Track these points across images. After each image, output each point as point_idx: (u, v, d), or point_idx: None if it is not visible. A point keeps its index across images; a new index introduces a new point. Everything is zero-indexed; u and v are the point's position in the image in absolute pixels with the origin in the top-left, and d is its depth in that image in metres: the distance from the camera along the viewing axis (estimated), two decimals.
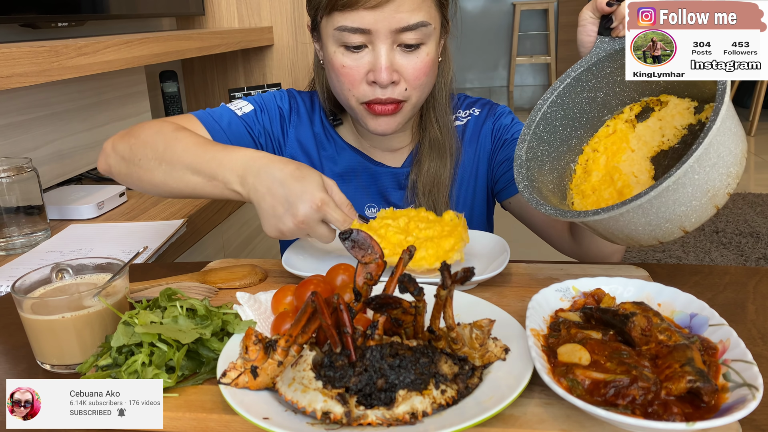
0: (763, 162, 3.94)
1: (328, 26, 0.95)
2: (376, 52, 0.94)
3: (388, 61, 0.94)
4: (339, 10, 0.92)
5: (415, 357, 0.58)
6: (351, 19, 0.92)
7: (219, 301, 0.83)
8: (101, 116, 1.82)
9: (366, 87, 0.97)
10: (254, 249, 1.90)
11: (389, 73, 0.94)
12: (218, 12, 2.43)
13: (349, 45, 0.94)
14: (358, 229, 0.68)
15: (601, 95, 0.89)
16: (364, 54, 0.95)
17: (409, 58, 0.95)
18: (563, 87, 0.88)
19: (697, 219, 0.73)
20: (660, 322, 0.62)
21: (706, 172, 0.69)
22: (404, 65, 0.95)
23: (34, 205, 1.28)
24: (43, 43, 1.34)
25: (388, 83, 0.95)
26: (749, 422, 0.54)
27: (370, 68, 0.95)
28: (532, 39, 7.18)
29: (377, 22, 0.91)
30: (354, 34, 0.93)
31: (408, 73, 0.96)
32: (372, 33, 0.92)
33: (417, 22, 0.93)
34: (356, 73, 0.96)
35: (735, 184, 0.73)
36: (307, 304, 0.58)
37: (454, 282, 0.58)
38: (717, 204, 0.72)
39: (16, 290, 0.69)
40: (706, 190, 0.71)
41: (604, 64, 0.86)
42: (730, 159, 0.71)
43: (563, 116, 0.89)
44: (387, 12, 0.91)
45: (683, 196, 0.70)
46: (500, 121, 1.13)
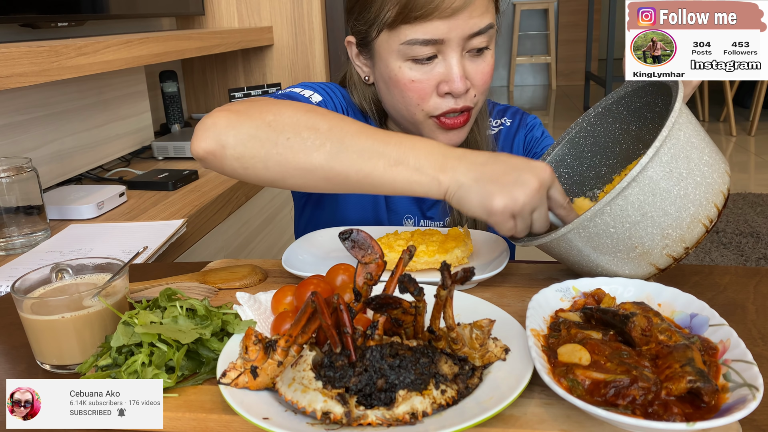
0: (763, 162, 3.93)
1: (391, 41, 0.91)
2: (449, 62, 0.90)
3: (461, 69, 0.91)
4: (410, 22, 0.88)
5: (415, 357, 0.58)
6: (423, 31, 0.88)
7: (219, 301, 0.83)
8: (101, 116, 1.82)
9: (437, 99, 0.93)
10: (254, 249, 1.90)
11: (464, 82, 0.91)
12: (218, 12, 2.43)
13: (419, 58, 0.90)
14: (358, 230, 0.67)
15: (634, 128, 0.88)
16: (434, 65, 0.91)
17: (477, 64, 0.93)
18: (595, 114, 0.89)
19: (631, 271, 0.73)
20: (660, 322, 0.62)
21: (627, 228, 0.68)
22: (473, 71, 0.93)
23: (34, 205, 1.28)
24: (43, 43, 1.34)
25: (464, 92, 0.92)
26: (749, 422, 0.54)
27: (442, 79, 0.91)
28: (532, 39, 7.18)
29: (451, 31, 0.88)
30: (426, 47, 0.89)
31: (477, 79, 0.93)
32: (444, 42, 0.89)
33: (487, 25, 0.90)
34: (426, 86, 0.92)
35: (680, 248, 0.70)
36: (307, 304, 0.58)
37: (454, 282, 0.58)
38: (654, 263, 0.71)
39: (16, 290, 0.69)
40: (633, 245, 0.70)
41: (633, 99, 0.86)
42: (665, 221, 0.69)
43: (593, 143, 0.90)
44: (461, 19, 0.88)
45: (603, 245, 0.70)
46: (532, 134, 1.12)
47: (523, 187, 0.70)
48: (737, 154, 4.12)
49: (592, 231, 0.69)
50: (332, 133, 0.75)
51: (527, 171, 0.71)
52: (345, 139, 0.74)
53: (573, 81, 7.18)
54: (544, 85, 7.35)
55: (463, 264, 0.87)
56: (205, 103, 2.60)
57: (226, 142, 0.76)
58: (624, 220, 0.68)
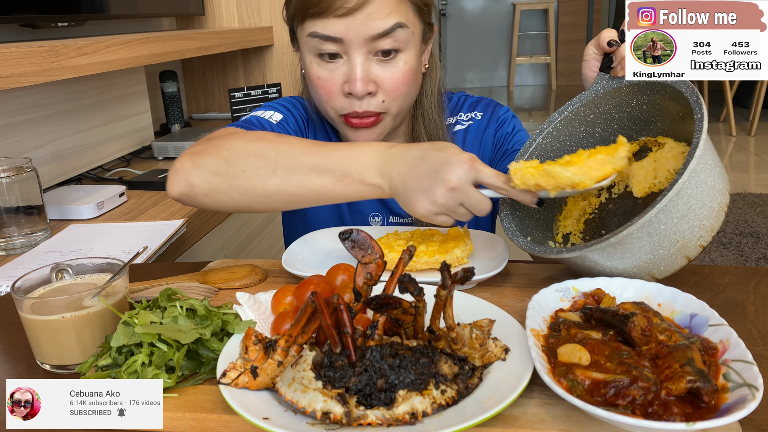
0: (763, 162, 3.93)
1: (303, 34, 0.94)
2: (351, 62, 0.91)
3: (363, 71, 0.91)
4: (310, 18, 0.90)
5: (415, 357, 0.58)
6: (322, 26, 0.90)
7: (219, 301, 0.83)
8: (101, 116, 1.82)
9: (343, 99, 0.94)
10: (254, 249, 1.90)
11: (364, 84, 0.91)
12: (218, 12, 2.43)
13: (323, 53, 0.92)
14: (358, 230, 0.68)
15: (599, 130, 0.89)
16: (339, 65, 0.93)
17: (386, 68, 0.93)
18: (560, 119, 0.88)
19: (666, 268, 0.73)
20: (660, 322, 0.62)
21: (674, 224, 0.70)
22: (381, 75, 0.93)
23: (34, 205, 1.28)
24: (43, 43, 1.34)
25: (364, 95, 0.92)
26: (749, 422, 0.54)
27: (346, 79, 0.92)
28: (532, 39, 7.18)
29: (349, 31, 0.89)
30: (326, 42, 0.91)
31: (385, 84, 0.93)
32: (345, 42, 0.90)
33: (392, 26, 0.90)
34: (332, 84, 0.93)
35: (709, 237, 0.72)
36: (307, 304, 0.58)
37: (454, 282, 0.58)
38: (688, 255, 0.73)
39: (16, 290, 0.69)
40: (675, 240, 0.71)
41: (603, 101, 0.86)
42: (703, 212, 0.71)
43: (558, 148, 0.89)
44: (358, 20, 0.88)
45: (648, 245, 0.70)
46: (502, 129, 1.10)
47: (440, 188, 0.74)
48: (737, 154, 4.11)
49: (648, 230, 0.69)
50: (280, 158, 0.81)
51: (445, 171, 0.74)
52: (292, 161, 0.81)
53: (573, 81, 7.18)
54: (544, 85, 7.35)
55: (463, 264, 0.87)
56: (205, 103, 2.60)
57: (193, 183, 0.84)
58: (674, 215, 0.69)
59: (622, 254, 0.72)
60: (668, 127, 0.84)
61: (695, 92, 0.74)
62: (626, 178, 0.86)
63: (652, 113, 0.85)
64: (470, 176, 0.75)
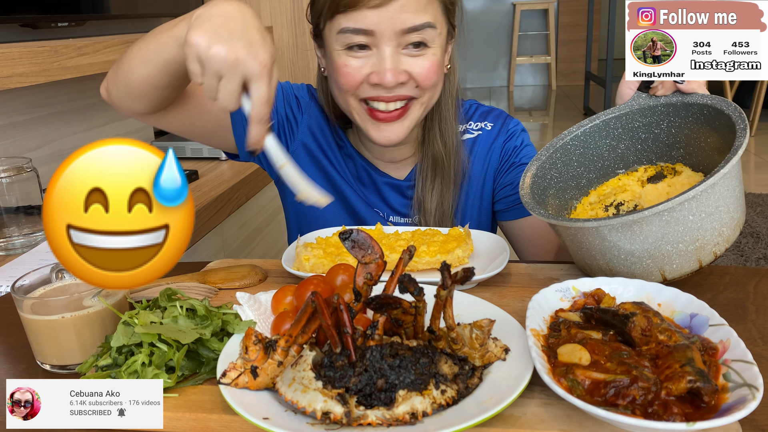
0: (763, 162, 3.93)
1: (332, 31, 0.94)
2: (381, 54, 0.92)
3: (393, 63, 0.92)
4: (342, 11, 0.91)
5: (415, 357, 0.58)
6: (354, 20, 0.90)
7: (219, 301, 0.83)
8: (101, 116, 1.82)
9: (368, 87, 0.95)
10: (254, 249, 1.90)
11: (395, 75, 0.92)
12: None
13: (352, 45, 0.92)
14: (358, 230, 0.67)
15: (622, 147, 0.91)
16: (368, 56, 0.93)
17: (416, 59, 0.94)
18: (591, 126, 0.90)
19: (678, 266, 0.74)
20: (660, 322, 0.62)
21: (701, 218, 0.70)
22: (412, 65, 0.93)
23: (34, 205, 1.28)
24: (43, 43, 1.34)
25: (395, 85, 0.93)
26: (749, 422, 0.54)
27: (373, 70, 0.93)
28: (532, 39, 7.18)
29: (380, 23, 0.90)
30: (357, 35, 0.91)
31: (417, 73, 0.94)
32: (376, 34, 0.91)
33: (423, 23, 0.91)
34: (358, 74, 0.94)
35: (723, 247, 0.74)
36: (307, 304, 0.58)
37: (454, 282, 0.58)
38: (701, 259, 0.73)
39: (16, 290, 0.69)
40: (695, 237, 0.71)
41: (635, 117, 0.88)
42: (726, 218, 0.72)
43: (581, 153, 0.91)
44: (391, 12, 0.89)
45: (672, 232, 0.71)
46: (511, 143, 1.10)
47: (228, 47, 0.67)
48: None
49: (676, 216, 0.70)
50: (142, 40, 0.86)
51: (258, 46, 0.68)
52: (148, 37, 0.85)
53: (573, 81, 7.18)
54: (544, 85, 7.35)
55: (464, 264, 0.87)
56: None
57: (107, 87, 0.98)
58: (702, 210, 0.70)
59: (643, 237, 0.71)
60: (690, 154, 0.86)
61: (737, 108, 0.77)
62: (637, 198, 0.88)
63: (678, 138, 0.86)
64: (255, 70, 0.68)
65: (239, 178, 1.75)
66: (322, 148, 1.10)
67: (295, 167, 0.73)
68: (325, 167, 1.10)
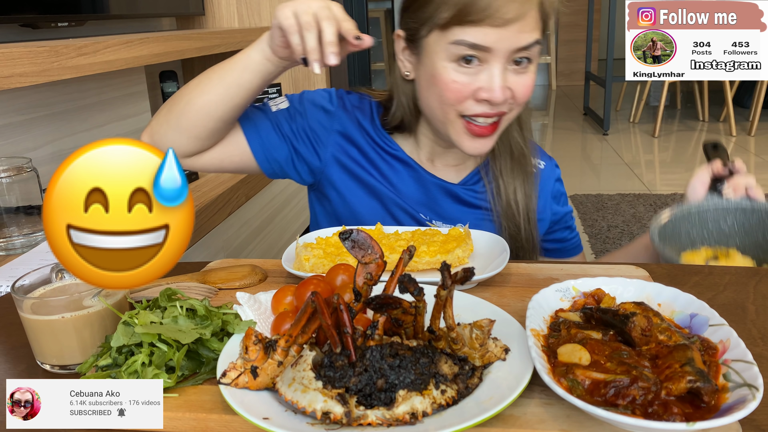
0: (763, 162, 3.94)
1: (441, 40, 0.93)
2: (492, 71, 0.92)
3: (503, 80, 0.92)
4: (463, 25, 0.90)
5: (415, 357, 0.58)
6: (473, 35, 0.89)
7: (219, 301, 0.83)
8: (101, 116, 1.82)
9: (473, 103, 0.94)
10: (254, 249, 1.90)
11: (503, 92, 0.92)
12: (218, 12, 2.43)
13: (464, 58, 0.92)
14: (358, 230, 0.67)
15: (693, 233, 1.09)
16: (477, 72, 0.93)
17: (520, 77, 0.94)
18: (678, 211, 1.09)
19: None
20: (660, 322, 0.62)
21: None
22: (515, 83, 0.94)
23: (34, 205, 1.28)
24: (43, 43, 1.34)
25: (502, 102, 0.93)
26: (749, 422, 0.54)
27: (482, 86, 0.93)
28: None
29: (499, 41, 0.89)
30: (472, 50, 0.91)
31: (518, 91, 0.95)
32: (491, 51, 0.90)
33: (534, 41, 0.92)
34: (466, 89, 0.93)
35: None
36: (307, 304, 0.58)
37: (454, 282, 0.58)
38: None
39: (16, 290, 0.69)
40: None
41: (708, 212, 1.07)
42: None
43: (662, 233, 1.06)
44: (511, 31, 0.89)
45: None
46: (558, 188, 1.17)
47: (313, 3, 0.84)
48: (737, 155, 4.11)
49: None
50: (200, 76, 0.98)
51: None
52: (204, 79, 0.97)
53: (573, 81, 7.18)
54: (544, 85, 7.35)
55: (464, 264, 0.87)
56: None
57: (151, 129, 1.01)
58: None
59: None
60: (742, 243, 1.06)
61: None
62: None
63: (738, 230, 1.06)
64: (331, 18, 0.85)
65: (239, 178, 1.75)
66: (358, 145, 1.09)
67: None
68: (365, 158, 1.09)
